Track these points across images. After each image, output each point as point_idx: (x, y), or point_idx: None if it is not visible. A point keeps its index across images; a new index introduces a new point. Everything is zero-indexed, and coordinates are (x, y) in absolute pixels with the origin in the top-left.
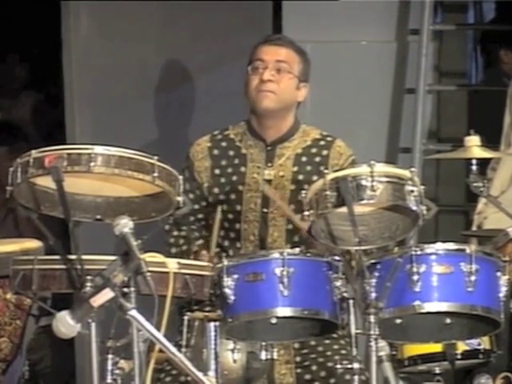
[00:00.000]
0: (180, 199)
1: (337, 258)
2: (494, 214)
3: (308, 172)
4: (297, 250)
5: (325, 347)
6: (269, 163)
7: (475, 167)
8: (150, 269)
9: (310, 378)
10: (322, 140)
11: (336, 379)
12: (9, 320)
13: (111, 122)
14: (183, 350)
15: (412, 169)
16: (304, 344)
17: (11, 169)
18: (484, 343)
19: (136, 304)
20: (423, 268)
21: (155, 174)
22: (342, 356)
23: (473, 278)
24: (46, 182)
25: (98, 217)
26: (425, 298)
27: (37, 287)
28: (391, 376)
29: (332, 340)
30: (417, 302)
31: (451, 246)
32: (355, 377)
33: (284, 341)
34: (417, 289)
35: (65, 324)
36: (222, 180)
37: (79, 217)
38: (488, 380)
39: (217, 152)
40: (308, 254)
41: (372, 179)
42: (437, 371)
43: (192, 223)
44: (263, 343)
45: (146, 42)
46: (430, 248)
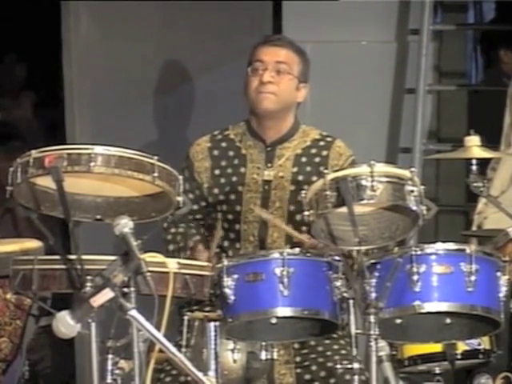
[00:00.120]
0: (180, 199)
1: (337, 258)
2: (494, 214)
3: (308, 172)
4: (297, 250)
5: (325, 347)
6: (268, 164)
7: (475, 167)
8: (150, 269)
9: (310, 378)
10: (322, 140)
11: (336, 379)
12: (9, 320)
13: (111, 122)
14: (183, 350)
15: (412, 169)
16: (304, 344)
17: (11, 169)
18: (484, 343)
19: (136, 304)
20: (423, 268)
21: (155, 174)
22: (342, 356)
23: (473, 278)
24: (46, 182)
25: (98, 217)
26: (425, 298)
27: (37, 287)
28: (391, 376)
29: (332, 340)
30: (417, 302)
31: (451, 246)
32: (355, 377)
33: (284, 341)
34: (417, 289)
35: (65, 324)
36: (222, 180)
37: (79, 217)
38: (488, 380)
39: (217, 152)
40: (308, 254)
41: (372, 179)
42: (437, 371)
43: (190, 222)
44: (263, 343)
45: (146, 42)
46: (430, 248)
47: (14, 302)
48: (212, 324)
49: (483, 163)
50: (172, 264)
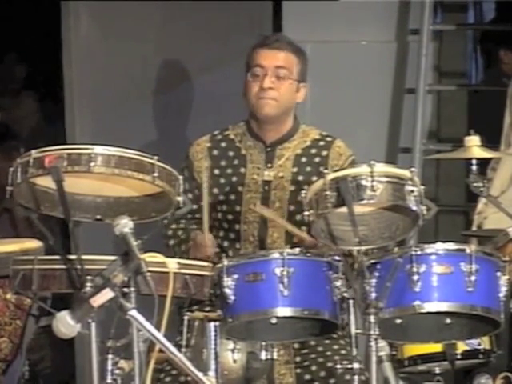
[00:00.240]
0: (180, 199)
1: (337, 258)
2: (494, 214)
3: (308, 173)
4: (297, 250)
5: (325, 347)
6: (268, 164)
7: (475, 167)
8: (150, 269)
9: (310, 378)
10: (322, 140)
11: (336, 379)
12: (9, 320)
13: (111, 122)
14: (183, 350)
15: (412, 169)
16: (304, 344)
17: (11, 169)
18: (484, 343)
19: (136, 304)
20: (423, 268)
21: (155, 174)
22: (342, 356)
23: (473, 278)
24: (46, 182)
25: (98, 217)
26: (425, 298)
27: (37, 287)
28: (391, 376)
29: (332, 340)
30: (417, 302)
31: (451, 246)
32: (355, 377)
33: (284, 341)
34: (417, 289)
35: (65, 324)
36: (222, 180)
37: (79, 217)
38: (488, 380)
39: (216, 152)
40: (308, 254)
41: (372, 179)
42: (437, 371)
43: (190, 221)
44: (263, 343)
45: (146, 42)
46: (430, 248)
47: (14, 302)
48: (212, 324)
49: (483, 163)
50: (172, 264)
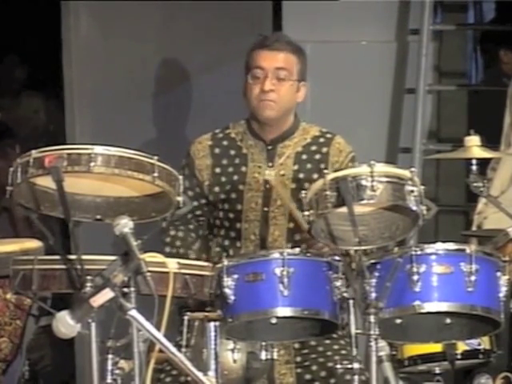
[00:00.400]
0: (180, 199)
1: (337, 258)
2: (494, 214)
3: (308, 170)
4: (297, 250)
5: (325, 347)
6: (269, 163)
7: (475, 167)
8: (150, 269)
9: (310, 378)
10: (322, 137)
11: (336, 379)
12: (9, 320)
13: (111, 122)
14: (183, 350)
15: (412, 169)
16: (304, 344)
17: (11, 169)
18: (484, 343)
19: (136, 304)
20: (423, 268)
21: (155, 174)
22: (342, 356)
23: (473, 278)
24: (46, 182)
25: (98, 217)
26: (425, 298)
27: (37, 287)
28: (391, 376)
29: (332, 340)
30: (417, 302)
31: (451, 246)
32: (355, 377)
33: (284, 341)
34: (417, 289)
35: (65, 324)
36: (223, 179)
37: (79, 217)
38: (488, 380)
39: (218, 151)
40: (308, 254)
41: (372, 179)
42: (437, 371)
43: (189, 221)
44: (263, 343)
45: (146, 42)
46: (430, 248)
47: (14, 302)
48: (212, 324)
49: (483, 163)
50: (172, 264)
